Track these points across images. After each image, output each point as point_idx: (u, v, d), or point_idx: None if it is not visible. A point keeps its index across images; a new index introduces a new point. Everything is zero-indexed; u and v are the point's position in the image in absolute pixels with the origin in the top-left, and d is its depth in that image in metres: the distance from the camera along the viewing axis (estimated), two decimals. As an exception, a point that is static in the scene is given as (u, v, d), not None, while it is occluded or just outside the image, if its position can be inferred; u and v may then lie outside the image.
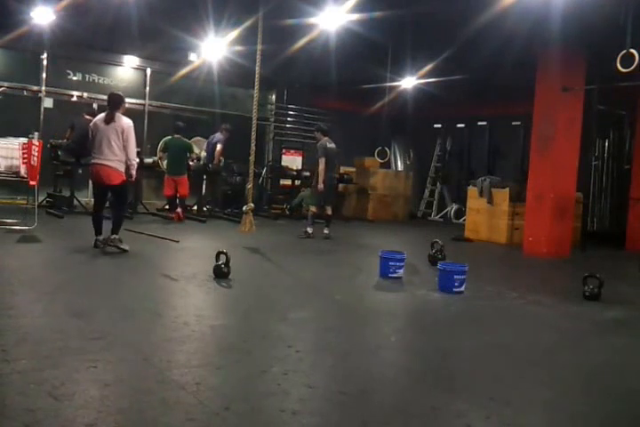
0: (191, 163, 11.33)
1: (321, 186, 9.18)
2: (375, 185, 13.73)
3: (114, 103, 6.85)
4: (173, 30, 10.06)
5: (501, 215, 10.37)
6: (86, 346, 3.43)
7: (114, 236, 6.89)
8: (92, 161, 6.84)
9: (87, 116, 10.61)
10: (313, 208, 9.46)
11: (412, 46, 9.45)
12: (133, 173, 6.87)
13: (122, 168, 6.74)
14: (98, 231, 7.00)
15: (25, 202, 9.34)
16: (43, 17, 9.79)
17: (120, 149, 6.69)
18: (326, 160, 9.24)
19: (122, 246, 6.85)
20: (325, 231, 9.37)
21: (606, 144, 11.68)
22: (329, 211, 9.51)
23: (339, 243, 9.49)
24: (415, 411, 2.88)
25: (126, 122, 6.77)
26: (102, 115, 6.89)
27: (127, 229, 7.95)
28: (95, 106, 12.21)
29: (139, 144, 12.00)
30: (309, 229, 9.30)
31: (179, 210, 10.53)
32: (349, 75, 12.17)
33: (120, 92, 7.37)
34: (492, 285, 6.34)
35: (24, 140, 7.81)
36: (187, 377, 3.03)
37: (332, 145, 9.55)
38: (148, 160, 11.62)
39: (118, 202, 7.13)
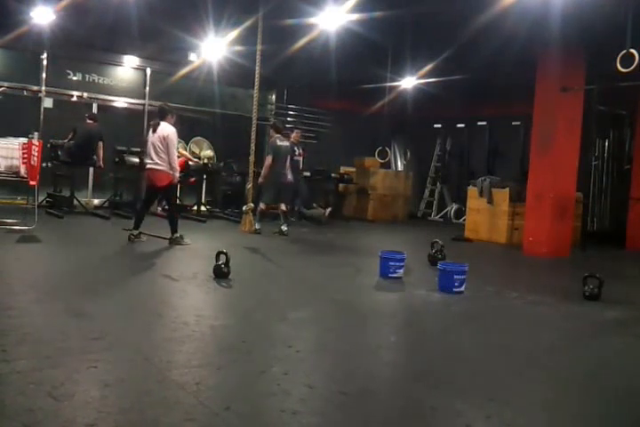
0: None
1: (260, 180, 9.43)
2: (375, 185, 13.72)
3: (161, 114, 7.68)
4: (173, 30, 10.07)
5: (501, 215, 10.37)
6: (86, 346, 3.43)
7: (174, 235, 7.57)
8: (146, 166, 7.71)
9: (89, 121, 10.64)
10: (262, 205, 9.50)
11: (411, 46, 9.46)
12: (175, 175, 7.53)
13: (169, 171, 7.46)
14: (136, 226, 7.69)
15: (25, 202, 9.34)
16: (43, 17, 9.79)
17: (165, 153, 7.43)
18: (274, 158, 9.38)
19: (184, 243, 7.55)
20: (283, 228, 9.35)
21: (606, 144, 11.68)
22: (282, 207, 9.52)
23: (339, 243, 9.50)
24: (415, 411, 2.88)
25: (168, 130, 7.47)
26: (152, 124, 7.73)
27: (127, 229, 7.95)
28: (95, 106, 12.26)
29: (139, 145, 12.12)
30: (257, 226, 9.38)
31: None
32: (349, 75, 12.17)
33: (168, 105, 8.16)
34: (492, 285, 6.34)
35: (24, 140, 7.81)
36: (187, 377, 3.03)
37: (282, 143, 9.62)
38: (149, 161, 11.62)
39: (167, 202, 7.94)
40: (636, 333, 4.83)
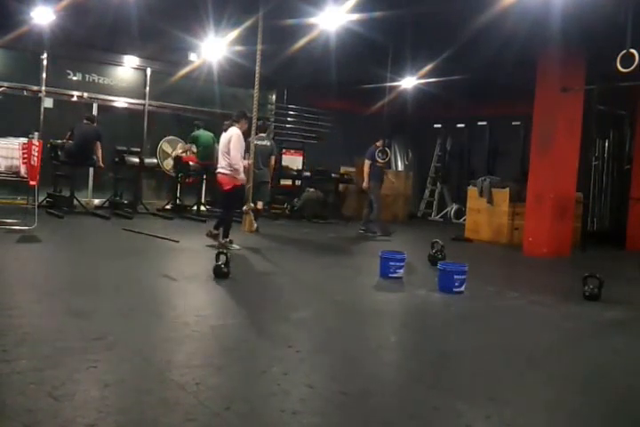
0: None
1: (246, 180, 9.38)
2: (375, 185, 13.69)
3: (236, 117, 7.72)
4: (173, 30, 10.07)
5: (501, 215, 10.37)
6: (86, 346, 3.43)
7: (224, 240, 7.49)
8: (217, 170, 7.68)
9: (86, 121, 10.65)
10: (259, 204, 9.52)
11: (411, 46, 9.45)
12: (237, 176, 7.46)
13: (234, 175, 7.43)
14: (226, 234, 7.59)
15: (25, 202, 9.34)
16: (43, 17, 9.79)
17: (228, 157, 7.39)
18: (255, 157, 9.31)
19: (232, 248, 7.34)
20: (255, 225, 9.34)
21: (606, 144, 11.68)
22: (259, 205, 9.51)
23: (339, 243, 9.50)
24: (415, 411, 2.88)
25: (232, 132, 7.47)
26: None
27: (127, 229, 7.96)
28: (95, 106, 12.26)
29: (138, 145, 12.13)
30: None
31: None
32: (349, 75, 12.17)
33: (246, 111, 8.13)
34: (492, 285, 6.35)
35: (24, 140, 7.81)
36: (187, 377, 3.03)
37: (261, 142, 9.57)
38: (149, 161, 11.64)
39: (224, 205, 7.88)
40: (636, 333, 4.83)
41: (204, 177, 11.85)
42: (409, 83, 12.52)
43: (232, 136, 7.45)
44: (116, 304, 4.52)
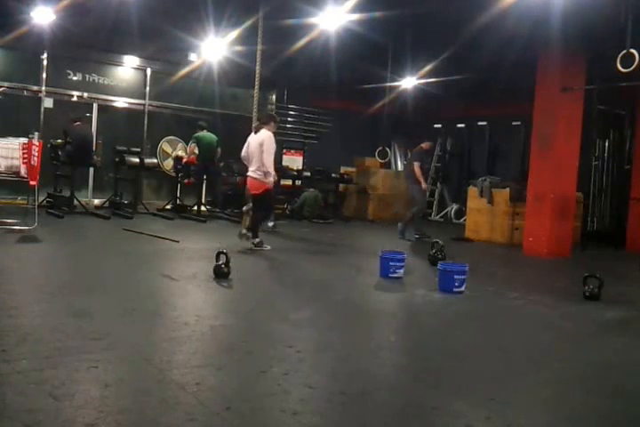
0: None
1: None
2: (375, 185, 13.72)
3: (264, 119, 7.71)
4: (173, 30, 10.08)
5: (501, 215, 10.37)
6: (86, 346, 3.43)
7: (254, 240, 7.52)
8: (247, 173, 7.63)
9: (76, 123, 10.68)
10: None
11: (412, 46, 9.47)
12: (269, 180, 7.44)
13: (264, 179, 7.40)
14: (255, 234, 7.64)
15: (25, 202, 9.36)
16: (43, 17, 9.80)
17: (260, 160, 7.34)
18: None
19: (264, 247, 7.47)
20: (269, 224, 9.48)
21: (606, 144, 11.67)
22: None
23: (339, 243, 9.50)
24: (415, 411, 2.88)
25: (263, 135, 7.40)
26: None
27: (127, 229, 7.96)
28: (95, 106, 12.27)
29: (138, 145, 12.13)
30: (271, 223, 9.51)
31: None
32: (349, 75, 12.18)
33: (274, 114, 8.16)
34: (492, 284, 6.35)
35: (24, 140, 7.81)
36: (187, 377, 3.03)
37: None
38: (149, 161, 11.64)
39: (256, 208, 7.76)
40: (636, 333, 4.83)
41: (205, 177, 11.86)
42: (409, 83, 12.52)
43: (264, 139, 7.35)
44: (116, 304, 4.51)
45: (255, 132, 7.56)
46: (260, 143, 7.35)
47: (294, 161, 14.51)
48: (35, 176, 7.62)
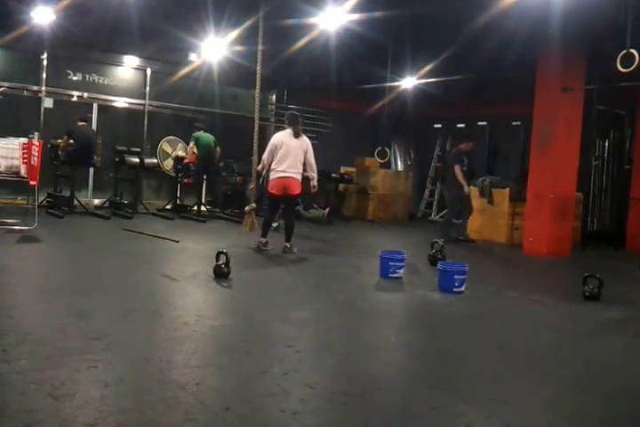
0: None
1: None
2: (375, 185, 13.72)
3: (298, 121, 7.78)
4: (173, 30, 10.06)
5: (501, 215, 10.36)
6: (86, 346, 3.43)
7: (288, 243, 7.57)
8: (277, 174, 7.46)
9: (80, 123, 10.68)
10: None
11: (412, 46, 9.46)
12: (316, 184, 7.78)
13: (301, 180, 7.59)
14: (264, 234, 7.68)
15: (25, 202, 9.35)
16: (43, 17, 9.79)
17: (301, 162, 7.53)
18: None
19: (293, 250, 7.54)
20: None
21: (606, 144, 11.67)
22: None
23: (339, 243, 9.50)
24: (415, 411, 2.88)
25: (308, 141, 7.68)
26: (286, 131, 7.60)
27: (127, 229, 7.96)
28: (95, 106, 12.26)
29: (138, 145, 12.14)
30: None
31: None
32: (349, 75, 12.17)
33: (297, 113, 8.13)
34: (492, 284, 6.34)
35: (24, 140, 7.81)
36: (187, 377, 3.03)
37: None
38: (149, 161, 11.64)
39: (291, 210, 8.01)
40: (636, 333, 4.83)
41: (204, 177, 11.86)
42: (409, 83, 12.51)
43: (308, 145, 7.62)
44: (116, 304, 4.52)
45: (296, 136, 7.60)
46: (304, 150, 7.56)
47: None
48: (35, 176, 7.62)
